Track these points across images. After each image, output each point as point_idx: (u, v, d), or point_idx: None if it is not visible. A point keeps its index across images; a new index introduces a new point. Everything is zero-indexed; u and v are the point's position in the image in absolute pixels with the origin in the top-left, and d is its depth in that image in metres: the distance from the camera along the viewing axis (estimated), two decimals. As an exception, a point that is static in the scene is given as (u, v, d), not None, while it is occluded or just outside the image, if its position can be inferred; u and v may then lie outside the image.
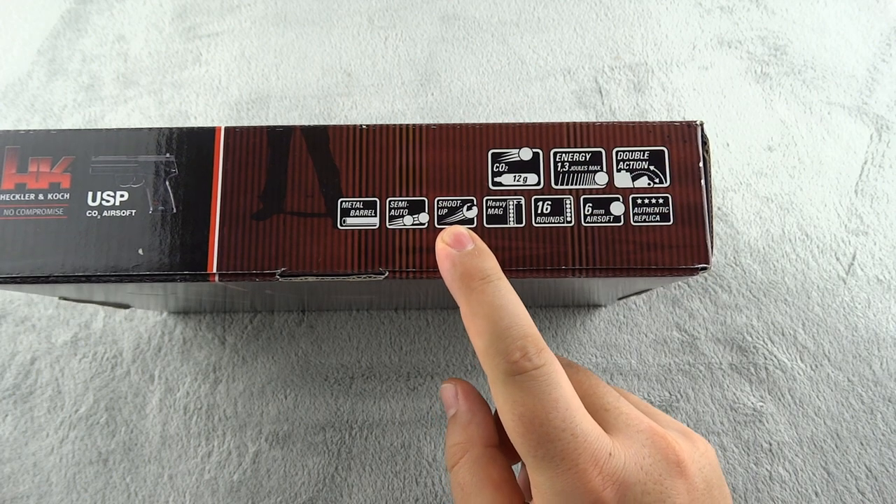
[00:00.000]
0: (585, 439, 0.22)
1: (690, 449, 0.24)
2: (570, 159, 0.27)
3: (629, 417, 0.24)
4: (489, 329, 0.23)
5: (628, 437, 0.24)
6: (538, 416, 0.22)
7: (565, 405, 0.23)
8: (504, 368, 0.23)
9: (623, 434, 0.24)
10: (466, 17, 0.42)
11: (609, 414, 0.25)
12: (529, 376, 0.23)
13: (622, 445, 0.23)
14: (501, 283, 0.24)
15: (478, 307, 0.24)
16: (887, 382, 0.37)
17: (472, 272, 0.24)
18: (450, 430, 0.28)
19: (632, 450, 0.23)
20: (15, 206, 0.26)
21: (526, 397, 0.23)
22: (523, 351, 0.23)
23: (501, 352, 0.23)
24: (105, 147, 0.26)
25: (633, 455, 0.23)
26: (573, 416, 0.23)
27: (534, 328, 0.24)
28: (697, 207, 0.26)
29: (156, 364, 0.38)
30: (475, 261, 0.25)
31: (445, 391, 0.29)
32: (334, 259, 0.26)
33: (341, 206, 0.26)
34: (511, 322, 0.23)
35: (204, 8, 0.43)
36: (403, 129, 0.27)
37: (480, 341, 0.24)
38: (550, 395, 0.23)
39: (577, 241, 0.26)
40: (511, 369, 0.23)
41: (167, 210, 0.26)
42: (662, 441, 0.24)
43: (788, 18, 0.42)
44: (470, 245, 0.25)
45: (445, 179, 0.27)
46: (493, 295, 0.24)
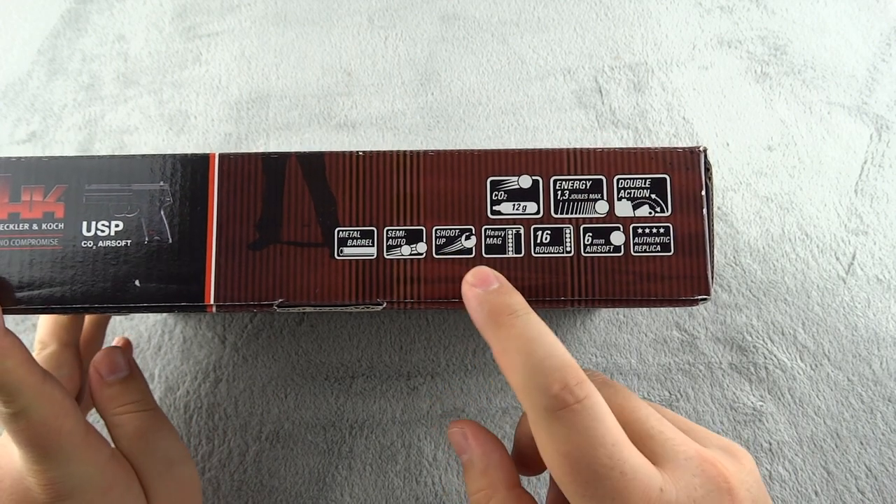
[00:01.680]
0: (635, 476, 0.21)
1: (738, 470, 0.23)
2: (570, 187, 0.26)
3: (675, 444, 0.23)
4: (524, 362, 0.23)
5: (677, 467, 0.23)
6: (585, 454, 0.21)
7: (612, 440, 0.22)
8: (545, 404, 0.22)
9: (671, 463, 0.23)
10: (466, 17, 0.43)
11: (654, 442, 0.24)
12: (572, 411, 0.22)
13: (672, 477, 0.22)
14: (531, 316, 0.24)
15: (509, 342, 0.23)
16: (887, 382, 0.37)
17: (500, 308, 0.24)
18: (468, 476, 0.27)
19: (682, 481, 0.22)
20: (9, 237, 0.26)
21: (571, 434, 0.22)
22: (563, 383, 0.22)
23: (540, 386, 0.22)
24: (98, 175, 0.26)
25: (684, 487, 0.22)
26: (621, 451, 0.22)
27: (571, 358, 0.23)
28: (699, 237, 0.26)
29: (156, 363, 0.38)
30: (502, 297, 0.24)
31: (454, 435, 0.28)
32: (332, 289, 0.26)
33: (338, 236, 0.26)
34: (546, 353, 0.23)
35: (204, 8, 0.43)
36: (400, 155, 0.27)
37: (517, 377, 0.23)
38: (596, 431, 0.22)
39: (577, 272, 0.26)
40: (552, 404, 0.22)
41: (163, 240, 0.26)
42: (713, 468, 0.23)
43: (788, 18, 0.42)
44: (495, 284, 0.25)
45: (443, 208, 0.26)
46: (524, 328, 0.23)
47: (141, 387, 0.31)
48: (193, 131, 0.41)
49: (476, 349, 0.38)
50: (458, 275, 0.26)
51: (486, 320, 0.24)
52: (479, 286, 0.25)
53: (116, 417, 0.30)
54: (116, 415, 0.30)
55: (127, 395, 0.30)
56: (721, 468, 0.23)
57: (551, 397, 0.22)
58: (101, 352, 0.31)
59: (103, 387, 0.30)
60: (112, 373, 0.30)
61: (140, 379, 0.31)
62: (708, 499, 0.22)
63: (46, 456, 0.25)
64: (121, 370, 0.30)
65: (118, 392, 0.30)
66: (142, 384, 0.31)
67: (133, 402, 0.30)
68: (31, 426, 0.25)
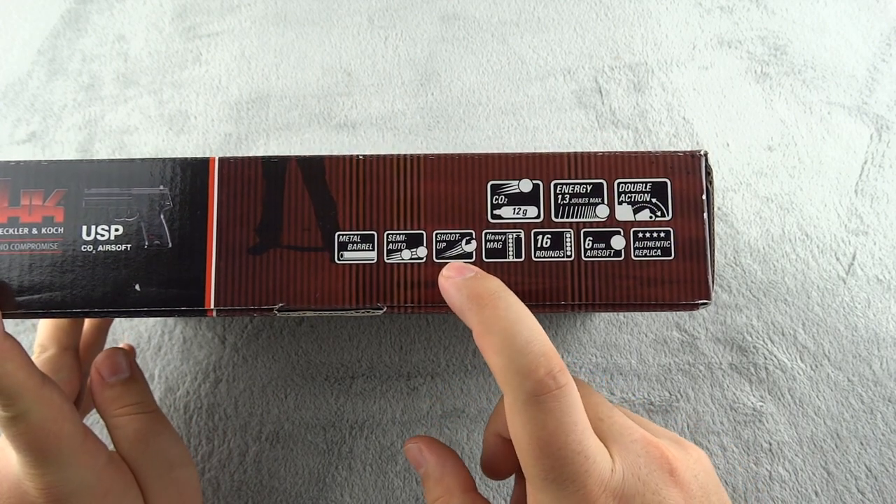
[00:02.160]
0: (594, 460, 0.22)
1: (683, 456, 0.24)
2: (570, 191, 0.26)
3: (623, 427, 0.24)
4: (507, 345, 0.23)
5: (623, 447, 0.24)
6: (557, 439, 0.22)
7: (582, 427, 0.23)
8: (528, 388, 0.22)
9: (618, 444, 0.24)
10: (466, 17, 0.42)
11: (604, 424, 0.25)
12: (552, 397, 0.22)
13: (619, 457, 0.23)
14: (511, 297, 0.24)
15: (491, 323, 0.23)
16: (887, 382, 0.37)
17: (480, 290, 0.24)
18: (426, 487, 0.28)
19: (628, 460, 0.23)
20: (9, 241, 0.26)
21: (547, 419, 0.22)
22: (547, 368, 0.22)
23: (523, 370, 0.22)
24: (97, 179, 0.26)
25: (630, 465, 0.23)
26: (587, 437, 0.23)
27: (551, 343, 0.23)
28: (699, 241, 0.26)
29: (156, 363, 0.38)
30: (480, 282, 0.24)
31: (410, 451, 0.29)
32: (332, 294, 0.26)
33: (339, 240, 0.26)
34: (529, 337, 0.23)
35: (204, 8, 0.43)
36: (401, 159, 0.26)
37: (498, 359, 0.23)
38: (570, 418, 0.22)
39: (577, 276, 0.26)
40: (535, 389, 0.22)
41: (163, 245, 0.26)
42: (656, 450, 0.24)
43: (788, 18, 0.42)
44: (471, 273, 0.25)
45: (444, 212, 0.26)
46: (506, 309, 0.23)
47: (142, 389, 0.31)
48: (193, 131, 0.41)
49: (476, 349, 0.38)
50: None
51: (467, 302, 0.24)
52: (455, 276, 0.25)
53: (117, 419, 0.30)
54: (117, 416, 0.30)
55: (128, 396, 0.30)
56: (664, 450, 0.24)
57: (535, 381, 0.22)
58: (103, 353, 0.31)
59: (104, 388, 0.30)
60: (113, 374, 0.30)
61: (141, 381, 0.31)
62: (651, 476, 0.23)
63: (44, 460, 0.25)
64: (122, 371, 0.30)
65: (119, 393, 0.30)
66: (143, 386, 0.31)
67: (134, 404, 0.30)
68: (29, 430, 0.25)
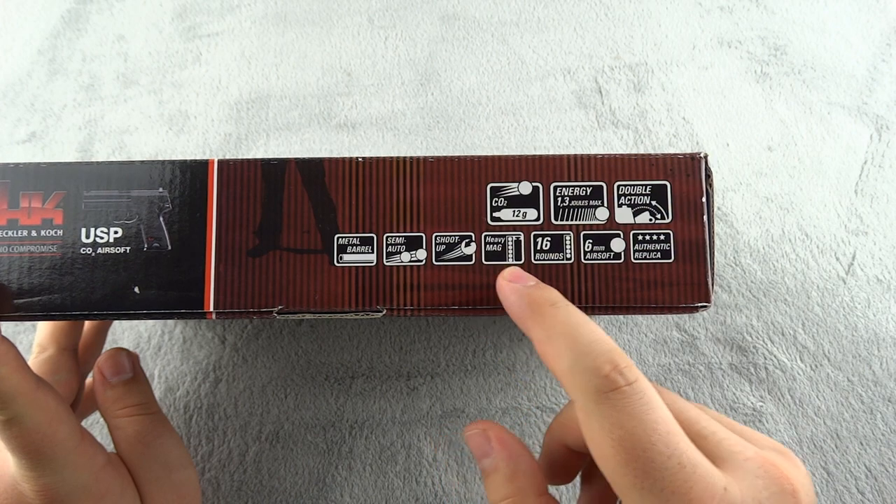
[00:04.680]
0: (695, 470, 0.20)
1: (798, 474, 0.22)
2: (570, 193, 0.26)
3: (731, 445, 0.22)
4: (570, 347, 0.22)
5: (738, 468, 0.21)
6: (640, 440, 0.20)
7: (666, 429, 0.21)
8: (595, 385, 0.21)
9: (729, 464, 0.22)
10: (466, 17, 0.42)
11: (708, 442, 0.22)
12: (623, 393, 0.21)
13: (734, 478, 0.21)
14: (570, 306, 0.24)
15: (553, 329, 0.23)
16: (887, 382, 0.37)
17: (540, 300, 0.24)
18: (491, 482, 0.25)
19: (746, 482, 0.21)
20: (8, 243, 0.26)
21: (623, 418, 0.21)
22: (613, 364, 0.21)
23: (589, 368, 0.21)
24: (97, 181, 0.26)
25: (749, 487, 0.21)
26: (678, 442, 0.21)
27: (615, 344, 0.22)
28: (699, 244, 0.26)
29: (156, 363, 0.38)
30: (540, 291, 0.24)
31: (473, 438, 0.26)
32: (332, 296, 0.26)
33: (338, 243, 0.26)
34: (592, 337, 0.22)
35: (204, 8, 0.43)
36: (400, 161, 0.26)
37: (562, 362, 0.22)
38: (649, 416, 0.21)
39: (577, 279, 0.26)
40: (603, 385, 0.21)
41: (162, 247, 0.26)
42: (775, 470, 0.21)
43: (788, 18, 0.42)
44: (531, 281, 0.25)
45: (443, 214, 0.26)
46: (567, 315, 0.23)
47: (144, 390, 0.31)
48: (193, 131, 0.41)
49: (476, 349, 0.38)
50: (458, 282, 0.26)
51: (527, 310, 0.24)
52: (516, 282, 0.25)
53: (118, 420, 0.30)
54: (118, 417, 0.30)
55: (129, 397, 0.30)
56: (784, 470, 0.22)
57: (602, 377, 0.21)
58: (106, 353, 0.31)
59: (106, 388, 0.30)
60: (116, 374, 0.30)
61: (144, 382, 0.31)
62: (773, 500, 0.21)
63: (40, 462, 0.25)
64: (125, 372, 0.30)
65: (121, 394, 0.30)
66: (145, 387, 0.31)
67: (135, 405, 0.30)
68: (25, 433, 0.25)
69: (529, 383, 0.38)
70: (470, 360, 0.38)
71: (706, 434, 0.23)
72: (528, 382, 0.38)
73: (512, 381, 0.38)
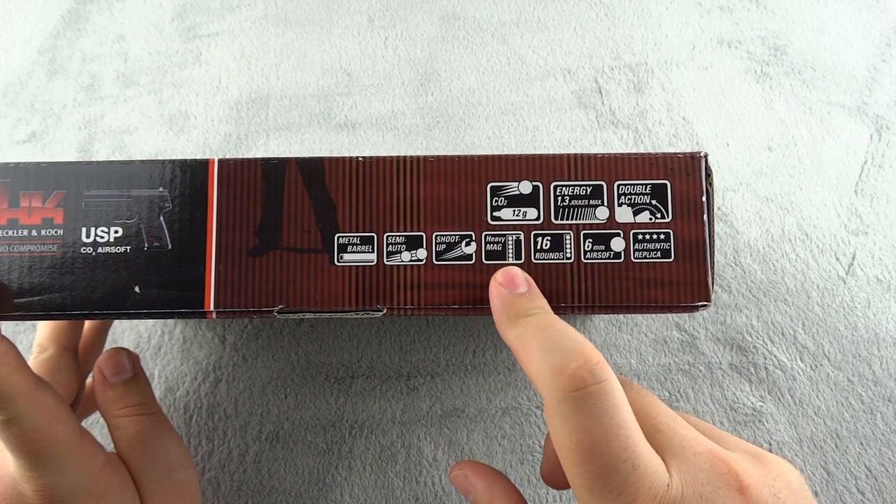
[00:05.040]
0: (645, 471, 0.21)
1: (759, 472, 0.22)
2: (570, 193, 0.26)
3: (685, 439, 0.23)
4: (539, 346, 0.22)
5: (684, 462, 0.22)
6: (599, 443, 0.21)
7: (626, 432, 0.21)
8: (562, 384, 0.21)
9: (679, 458, 0.22)
10: (466, 17, 0.42)
11: (662, 436, 0.23)
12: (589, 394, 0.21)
13: (678, 472, 0.22)
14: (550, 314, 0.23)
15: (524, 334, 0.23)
16: (887, 382, 0.37)
17: (520, 310, 0.24)
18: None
19: (689, 475, 0.21)
20: (8, 243, 0.26)
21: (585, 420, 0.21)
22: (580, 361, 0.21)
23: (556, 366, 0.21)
24: (97, 181, 0.26)
25: (691, 482, 0.21)
26: (635, 444, 0.21)
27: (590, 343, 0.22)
28: (699, 243, 0.26)
29: (156, 363, 0.38)
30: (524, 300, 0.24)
31: (456, 479, 0.28)
32: (332, 295, 0.26)
33: (338, 242, 0.26)
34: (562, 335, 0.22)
35: (204, 8, 0.43)
36: (400, 161, 0.26)
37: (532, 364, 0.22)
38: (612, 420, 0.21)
39: (577, 278, 0.26)
40: (569, 384, 0.21)
41: (162, 246, 0.26)
42: (722, 465, 0.22)
43: (788, 18, 0.42)
44: (522, 287, 0.25)
45: (443, 214, 0.26)
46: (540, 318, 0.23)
47: (144, 390, 0.31)
48: (193, 131, 0.41)
49: (476, 349, 0.38)
50: (458, 281, 0.26)
51: (505, 320, 0.24)
52: (506, 286, 0.25)
53: (118, 419, 0.30)
54: (118, 416, 0.30)
55: (129, 397, 0.30)
56: (732, 465, 0.22)
57: (568, 376, 0.21)
58: (106, 352, 0.31)
59: (106, 388, 0.30)
60: (116, 374, 0.30)
61: (144, 382, 0.31)
62: (716, 494, 0.21)
63: (39, 462, 0.25)
64: (125, 372, 0.30)
65: (121, 394, 0.30)
66: (145, 387, 0.31)
67: (135, 405, 0.30)
68: (24, 433, 0.25)
69: (529, 383, 0.38)
70: (470, 360, 0.38)
71: (663, 429, 0.23)
72: (528, 382, 0.38)
73: (512, 381, 0.38)
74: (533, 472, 0.37)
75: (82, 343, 0.34)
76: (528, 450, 0.37)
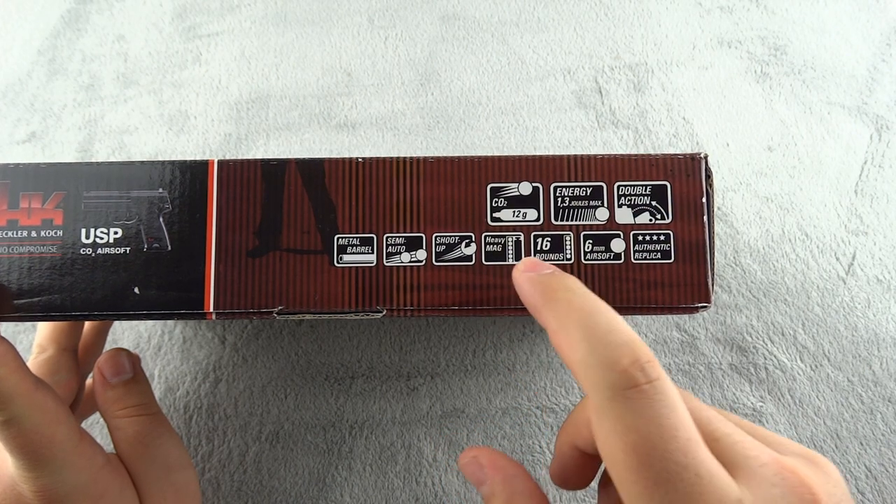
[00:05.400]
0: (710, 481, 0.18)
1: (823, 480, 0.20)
2: (570, 194, 0.26)
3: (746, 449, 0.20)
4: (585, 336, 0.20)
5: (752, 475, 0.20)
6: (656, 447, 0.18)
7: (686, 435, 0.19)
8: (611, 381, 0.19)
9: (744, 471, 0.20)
10: (466, 17, 0.42)
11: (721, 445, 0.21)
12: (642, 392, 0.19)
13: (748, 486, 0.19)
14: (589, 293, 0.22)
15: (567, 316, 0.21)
16: (887, 382, 0.37)
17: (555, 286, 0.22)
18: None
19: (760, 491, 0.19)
20: (8, 244, 0.26)
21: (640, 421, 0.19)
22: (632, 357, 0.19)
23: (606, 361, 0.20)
24: (96, 182, 0.26)
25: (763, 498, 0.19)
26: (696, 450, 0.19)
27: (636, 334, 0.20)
28: (699, 244, 0.26)
29: (156, 363, 0.38)
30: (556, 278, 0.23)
31: (467, 466, 0.25)
32: (332, 297, 0.26)
33: (338, 243, 0.26)
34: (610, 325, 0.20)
35: (204, 8, 0.43)
36: (400, 162, 0.26)
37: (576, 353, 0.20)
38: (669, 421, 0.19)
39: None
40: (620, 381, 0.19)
41: (162, 247, 0.26)
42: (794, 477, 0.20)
43: (788, 18, 0.42)
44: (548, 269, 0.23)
45: (443, 215, 0.26)
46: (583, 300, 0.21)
47: (144, 390, 0.31)
48: (193, 131, 0.41)
49: (476, 349, 0.38)
50: (458, 282, 0.26)
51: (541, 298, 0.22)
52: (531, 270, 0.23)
53: (117, 420, 0.30)
54: (117, 417, 0.30)
55: (129, 397, 0.30)
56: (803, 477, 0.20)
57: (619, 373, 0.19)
58: (107, 353, 0.31)
59: (106, 388, 0.30)
60: (116, 374, 0.30)
61: (144, 383, 0.31)
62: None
63: (38, 463, 0.25)
64: (125, 372, 0.30)
65: (121, 394, 0.30)
66: (145, 388, 0.31)
67: (135, 406, 0.30)
68: (23, 434, 0.25)
69: (529, 383, 0.38)
70: (470, 360, 0.38)
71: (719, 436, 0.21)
72: (528, 382, 0.38)
73: (512, 381, 0.38)
74: (534, 473, 0.37)
75: (82, 344, 0.34)
76: (528, 450, 0.37)
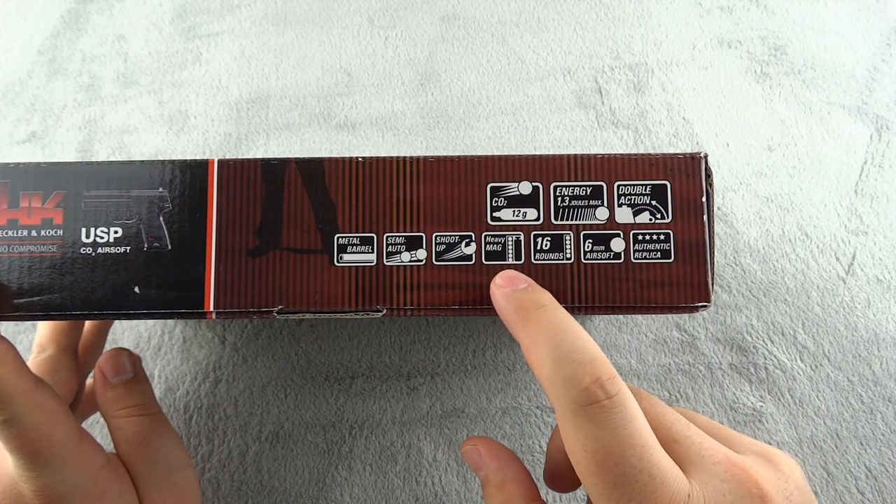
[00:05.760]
0: (663, 481, 0.21)
1: (774, 477, 0.22)
2: (570, 193, 0.26)
3: (702, 448, 0.23)
4: (552, 354, 0.22)
5: (704, 472, 0.22)
6: (613, 453, 0.21)
7: (641, 441, 0.21)
8: (574, 398, 0.21)
9: (698, 468, 0.22)
10: (466, 17, 0.42)
11: (679, 446, 0.23)
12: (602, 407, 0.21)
13: (699, 483, 0.21)
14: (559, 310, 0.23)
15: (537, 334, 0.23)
16: (887, 382, 0.37)
17: (527, 304, 0.24)
18: (486, 493, 0.26)
19: (710, 487, 0.21)
20: (8, 243, 0.26)
21: (599, 431, 0.21)
22: (594, 376, 0.21)
23: (569, 379, 0.21)
24: (97, 181, 0.26)
25: (713, 493, 0.21)
26: (650, 453, 0.21)
27: (601, 353, 0.22)
28: (699, 244, 0.26)
29: (156, 363, 0.38)
30: (529, 294, 0.24)
31: (468, 453, 0.27)
32: (332, 296, 0.26)
33: (338, 242, 0.26)
34: (575, 345, 0.22)
35: (204, 8, 0.43)
36: (400, 161, 0.26)
37: (544, 370, 0.22)
38: (626, 430, 0.21)
39: (577, 279, 0.26)
40: (582, 398, 0.21)
41: (162, 247, 0.26)
42: (743, 473, 0.22)
43: (788, 18, 0.42)
44: (523, 283, 0.25)
45: (443, 214, 0.26)
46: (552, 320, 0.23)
47: (145, 390, 0.31)
48: (193, 131, 0.41)
49: (476, 349, 0.38)
50: (458, 282, 0.26)
51: (514, 316, 0.24)
52: (506, 286, 0.25)
53: (118, 420, 0.30)
54: (118, 417, 0.30)
55: (130, 397, 0.30)
56: (752, 473, 0.22)
57: (581, 391, 0.21)
58: (107, 353, 0.31)
59: (107, 388, 0.30)
60: (116, 374, 0.30)
61: (144, 383, 0.31)
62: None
63: (38, 463, 0.25)
64: (125, 372, 0.30)
65: (121, 394, 0.30)
66: (146, 388, 0.31)
67: (135, 406, 0.30)
68: (22, 433, 0.25)
69: (529, 383, 0.38)
70: (470, 360, 0.38)
71: (679, 438, 0.23)
72: (528, 382, 0.38)
73: (512, 381, 0.38)
74: (533, 472, 0.37)
75: (82, 343, 0.34)
76: (528, 450, 0.37)
